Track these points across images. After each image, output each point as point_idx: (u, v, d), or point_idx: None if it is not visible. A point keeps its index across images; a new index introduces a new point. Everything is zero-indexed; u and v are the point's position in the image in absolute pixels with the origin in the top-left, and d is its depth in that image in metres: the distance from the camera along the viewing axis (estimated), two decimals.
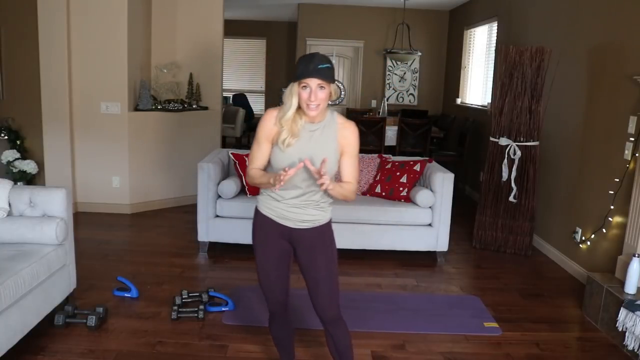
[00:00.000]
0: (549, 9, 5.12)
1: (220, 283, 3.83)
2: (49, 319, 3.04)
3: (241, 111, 9.77)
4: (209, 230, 4.41)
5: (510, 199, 4.72)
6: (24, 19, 5.43)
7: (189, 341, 3.04)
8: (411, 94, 9.19)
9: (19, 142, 5.65)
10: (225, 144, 8.99)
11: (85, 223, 5.17)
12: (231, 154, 4.66)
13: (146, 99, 5.55)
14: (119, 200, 5.53)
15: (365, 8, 8.84)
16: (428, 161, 4.79)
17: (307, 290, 2.31)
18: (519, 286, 4.09)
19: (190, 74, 6.03)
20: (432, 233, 4.43)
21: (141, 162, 5.58)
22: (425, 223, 4.43)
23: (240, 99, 10.75)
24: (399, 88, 9.17)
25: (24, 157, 5.54)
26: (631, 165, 3.59)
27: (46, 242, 3.05)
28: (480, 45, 7.34)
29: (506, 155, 4.71)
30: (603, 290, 3.37)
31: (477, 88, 7.39)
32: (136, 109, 5.54)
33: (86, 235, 4.76)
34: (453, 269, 4.43)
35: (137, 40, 5.56)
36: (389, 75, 9.13)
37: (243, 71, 11.57)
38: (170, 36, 6.04)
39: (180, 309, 3.31)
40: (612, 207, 3.79)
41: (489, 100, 6.41)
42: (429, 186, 4.50)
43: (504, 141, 4.71)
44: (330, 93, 2.09)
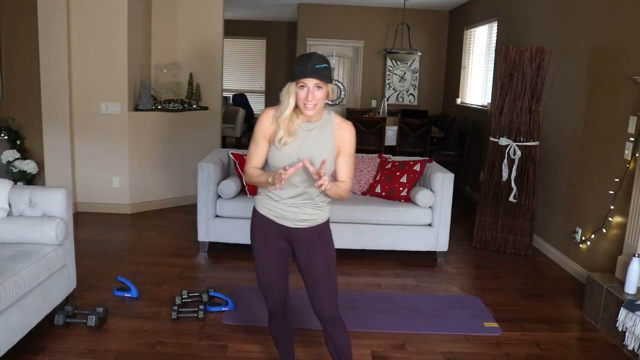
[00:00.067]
0: (549, 9, 5.12)
1: (220, 283, 3.83)
2: (49, 319, 3.04)
3: (241, 111, 9.77)
4: (209, 230, 4.41)
5: (510, 199, 4.72)
6: (24, 19, 5.43)
7: (189, 341, 3.04)
8: (411, 94, 9.18)
9: (19, 142, 5.65)
10: (225, 144, 8.99)
11: (85, 223, 5.17)
12: (231, 154, 4.66)
13: (146, 99, 5.55)
14: (119, 200, 5.53)
15: (365, 8, 8.84)
16: (428, 161, 4.79)
17: (306, 289, 2.31)
18: (519, 286, 4.09)
19: (190, 74, 6.03)
20: (432, 233, 4.43)
21: (141, 162, 5.58)
22: (425, 223, 4.43)
23: (240, 99, 10.76)
24: (399, 88, 9.17)
25: (24, 157, 5.54)
26: (631, 165, 3.59)
27: (46, 242, 3.05)
28: (480, 45, 7.33)
29: (506, 155, 4.71)
30: (603, 290, 3.37)
31: (477, 88, 7.38)
32: (136, 109, 5.54)
33: (86, 235, 4.76)
34: (453, 269, 4.43)
35: (137, 40, 5.55)
36: (389, 75, 9.13)
37: (243, 71, 11.57)
38: (170, 36, 6.04)
39: (180, 309, 3.32)
40: (612, 207, 3.79)
41: (489, 100, 6.40)
42: (429, 186, 4.50)
43: (504, 141, 4.71)
44: (328, 93, 2.11)
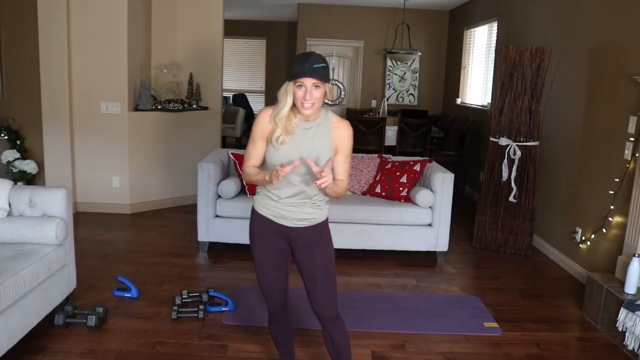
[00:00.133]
0: (549, 9, 5.12)
1: (220, 283, 3.83)
2: (49, 319, 3.04)
3: (241, 111, 9.78)
4: (209, 230, 4.41)
5: (510, 199, 4.72)
6: (24, 19, 5.43)
7: (189, 341, 3.04)
8: (411, 94, 9.18)
9: (19, 142, 5.65)
10: (225, 144, 8.99)
11: (85, 223, 5.17)
12: (231, 154, 4.66)
13: (146, 99, 5.55)
14: (119, 200, 5.53)
15: (365, 8, 8.84)
16: (428, 161, 4.79)
17: (305, 289, 2.31)
18: (519, 286, 4.09)
19: (190, 74, 6.03)
20: (432, 233, 4.43)
21: (141, 162, 5.58)
22: (425, 223, 4.43)
23: (240, 99, 10.76)
24: (399, 88, 9.17)
25: (24, 157, 5.54)
26: (631, 165, 3.59)
27: (46, 242, 3.05)
28: (480, 45, 7.33)
29: (506, 155, 4.71)
30: (603, 290, 3.37)
31: (477, 88, 7.38)
32: (136, 109, 5.54)
33: (86, 235, 4.76)
34: (453, 269, 4.43)
35: (137, 40, 5.55)
36: (389, 75, 9.13)
37: (243, 71, 11.57)
38: (170, 36, 6.04)
39: (180, 309, 3.31)
40: (612, 207, 3.79)
41: (489, 100, 6.40)
42: (429, 186, 4.50)
43: (504, 141, 4.71)
44: (325, 92, 2.12)
